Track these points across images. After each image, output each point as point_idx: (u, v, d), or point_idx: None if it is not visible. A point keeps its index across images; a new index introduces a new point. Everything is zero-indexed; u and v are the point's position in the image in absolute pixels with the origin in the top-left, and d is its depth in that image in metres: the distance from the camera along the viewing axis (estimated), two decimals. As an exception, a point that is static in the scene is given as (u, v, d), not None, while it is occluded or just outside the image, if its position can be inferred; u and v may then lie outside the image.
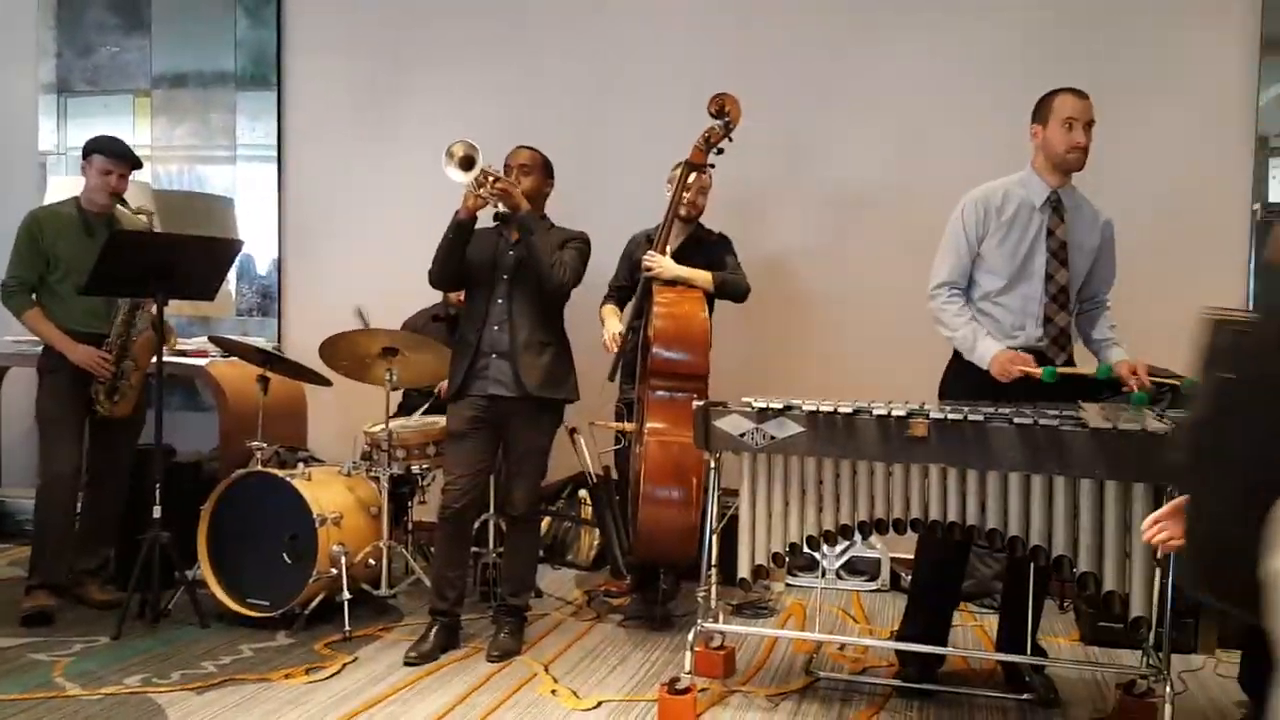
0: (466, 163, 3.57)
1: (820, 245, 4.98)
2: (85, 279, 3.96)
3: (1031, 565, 3.32)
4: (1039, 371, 3.28)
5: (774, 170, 4.99)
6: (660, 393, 3.97)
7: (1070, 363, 3.45)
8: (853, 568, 4.82)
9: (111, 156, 4.14)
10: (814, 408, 3.16)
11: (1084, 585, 2.94)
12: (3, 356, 5.22)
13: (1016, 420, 2.96)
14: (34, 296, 4.13)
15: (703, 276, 4.16)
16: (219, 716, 3.22)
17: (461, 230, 3.71)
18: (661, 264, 4.13)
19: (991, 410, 3.06)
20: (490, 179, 3.62)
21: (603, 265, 4.28)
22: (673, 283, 4.13)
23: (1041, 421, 2.94)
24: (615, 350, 4.19)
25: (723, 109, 4.16)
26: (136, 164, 4.24)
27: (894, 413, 3.07)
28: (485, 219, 3.80)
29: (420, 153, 5.37)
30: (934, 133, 4.83)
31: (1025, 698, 3.44)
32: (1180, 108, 4.60)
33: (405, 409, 4.89)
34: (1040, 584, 3.44)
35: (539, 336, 3.80)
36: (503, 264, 3.80)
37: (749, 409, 3.23)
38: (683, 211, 4.24)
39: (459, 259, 3.78)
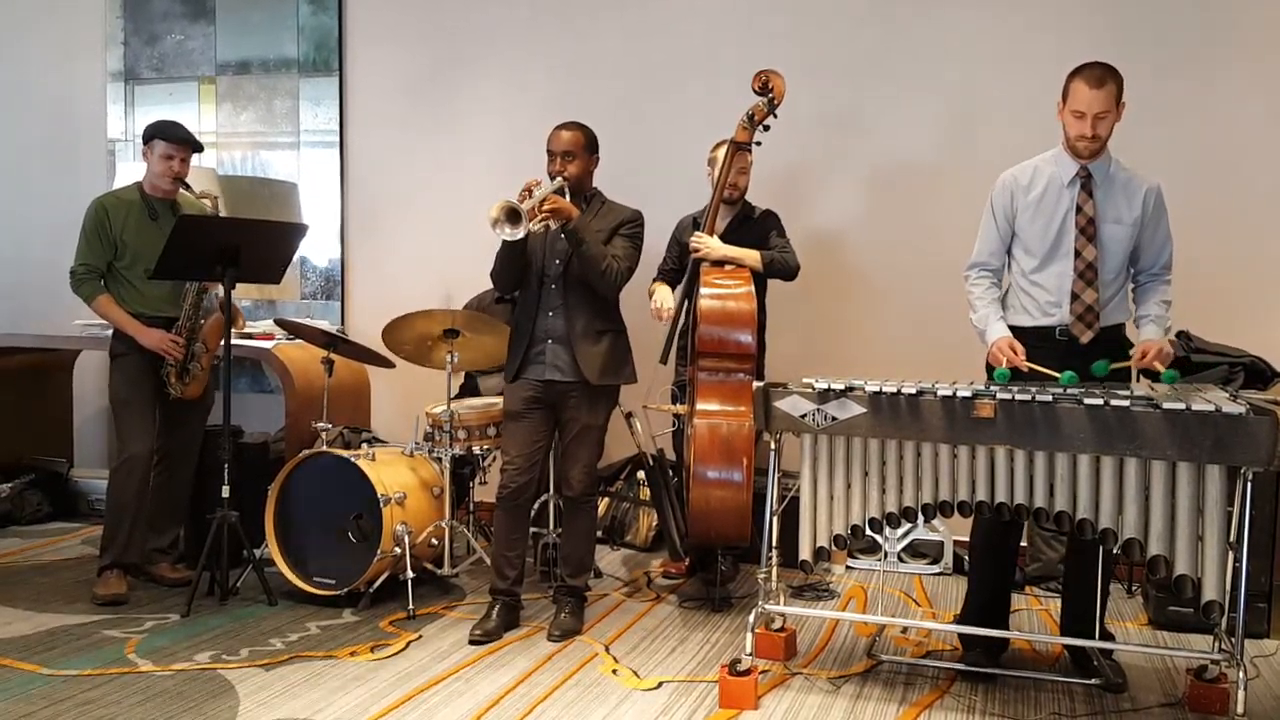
0: (513, 216, 3.52)
1: (873, 222, 4.93)
2: (154, 264, 4.03)
3: (1099, 549, 3.27)
4: (1025, 367, 3.29)
5: (825, 146, 4.94)
6: (709, 373, 3.96)
7: (1100, 340, 3.37)
8: (915, 550, 4.78)
9: (173, 141, 4.20)
10: (877, 388, 3.13)
11: (1155, 569, 2.88)
12: (73, 340, 5.34)
13: (1086, 401, 2.91)
14: (102, 283, 4.21)
15: (751, 256, 4.13)
16: (287, 692, 3.28)
17: (515, 245, 3.72)
18: (709, 244, 4.11)
19: (1060, 390, 3.01)
20: (538, 206, 3.58)
21: (652, 249, 4.26)
22: (721, 263, 4.11)
23: (1112, 402, 2.88)
24: (663, 320, 4.18)
25: (767, 85, 4.11)
26: (198, 147, 4.29)
27: (959, 393, 3.03)
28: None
29: (481, 135, 5.41)
30: (990, 106, 4.74)
31: (1092, 682, 3.39)
32: (1246, 76, 4.47)
33: (468, 389, 4.93)
34: (1107, 567, 3.39)
35: (596, 325, 3.80)
36: (555, 249, 3.80)
37: (810, 390, 3.21)
38: (725, 192, 4.21)
39: (519, 267, 3.80)
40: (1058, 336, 3.37)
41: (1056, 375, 3.20)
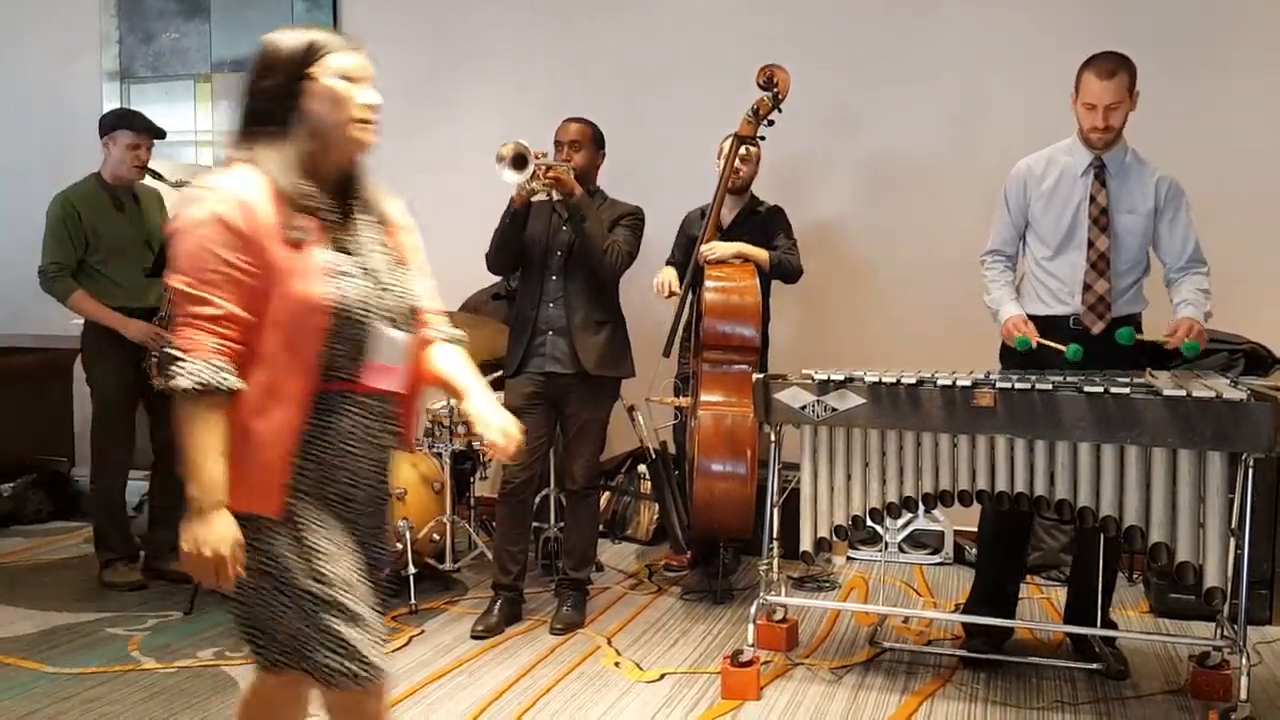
0: (519, 161, 3.54)
1: (874, 217, 4.91)
2: (126, 255, 4.02)
3: (1101, 537, 3.27)
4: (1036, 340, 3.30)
5: (827, 141, 4.93)
6: (713, 366, 3.96)
7: (1112, 331, 3.36)
8: (916, 541, 4.78)
9: (138, 130, 4.20)
10: (876, 379, 3.13)
11: (1156, 556, 2.89)
12: (72, 339, 5.29)
13: (1087, 389, 2.91)
14: (74, 280, 4.18)
15: (759, 255, 4.11)
16: (290, 688, 3.28)
17: (517, 218, 3.73)
18: (718, 250, 4.08)
19: (1060, 379, 3.01)
20: (543, 169, 3.61)
21: (655, 242, 4.25)
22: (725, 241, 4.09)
23: (1112, 390, 2.88)
24: (663, 296, 4.15)
25: (771, 80, 4.11)
26: (160, 134, 4.29)
27: (959, 383, 3.03)
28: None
29: (476, 134, 5.38)
30: (990, 101, 4.72)
31: (1094, 668, 3.39)
32: (1246, 71, 4.46)
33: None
34: (1111, 556, 3.39)
35: (596, 315, 3.81)
36: (557, 241, 3.81)
37: (810, 381, 3.21)
38: (729, 181, 4.19)
39: (516, 245, 3.80)
40: (1071, 326, 3.37)
41: (1062, 349, 3.22)
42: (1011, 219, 3.50)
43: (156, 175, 4.26)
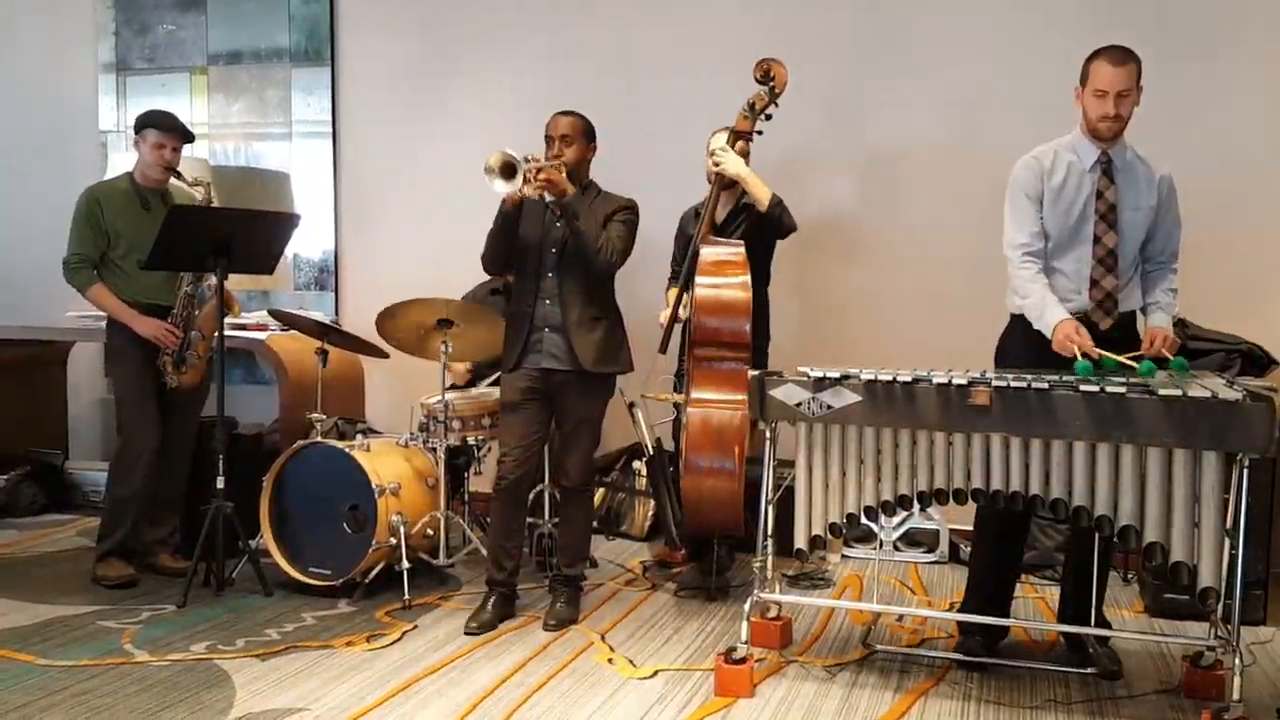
0: (508, 170, 3.51)
1: (871, 209, 4.91)
2: (146, 254, 4.02)
3: (1096, 536, 3.27)
4: (1095, 353, 3.14)
5: (823, 132, 4.92)
6: (704, 362, 3.96)
7: (1119, 328, 3.35)
8: (910, 539, 4.78)
9: (165, 130, 4.18)
10: (872, 376, 3.12)
11: (1151, 556, 2.88)
12: (67, 332, 5.32)
13: (1082, 388, 2.90)
14: (96, 272, 4.19)
15: (760, 192, 4.04)
16: (283, 683, 3.28)
17: (509, 220, 3.72)
18: (726, 164, 4.03)
19: (1056, 377, 3.01)
20: (535, 171, 3.58)
21: (651, 236, 4.24)
22: (720, 236, 4.06)
23: (1108, 389, 2.88)
24: (663, 328, 4.16)
25: (768, 74, 4.08)
26: (189, 137, 4.28)
27: (954, 381, 3.03)
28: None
29: (474, 125, 5.39)
30: (988, 91, 4.72)
31: (1088, 671, 3.39)
32: (1246, 64, 4.46)
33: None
34: (1105, 555, 3.39)
35: (591, 312, 3.80)
36: (552, 238, 3.79)
37: (805, 378, 3.20)
38: (723, 178, 4.16)
39: (509, 245, 3.79)
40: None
41: (1134, 365, 3.08)
42: (1033, 206, 3.36)
43: (178, 175, 4.25)
